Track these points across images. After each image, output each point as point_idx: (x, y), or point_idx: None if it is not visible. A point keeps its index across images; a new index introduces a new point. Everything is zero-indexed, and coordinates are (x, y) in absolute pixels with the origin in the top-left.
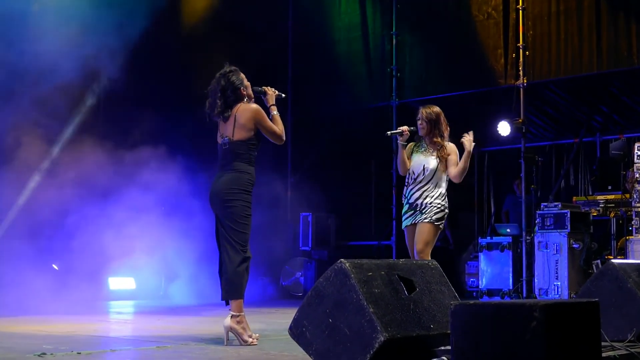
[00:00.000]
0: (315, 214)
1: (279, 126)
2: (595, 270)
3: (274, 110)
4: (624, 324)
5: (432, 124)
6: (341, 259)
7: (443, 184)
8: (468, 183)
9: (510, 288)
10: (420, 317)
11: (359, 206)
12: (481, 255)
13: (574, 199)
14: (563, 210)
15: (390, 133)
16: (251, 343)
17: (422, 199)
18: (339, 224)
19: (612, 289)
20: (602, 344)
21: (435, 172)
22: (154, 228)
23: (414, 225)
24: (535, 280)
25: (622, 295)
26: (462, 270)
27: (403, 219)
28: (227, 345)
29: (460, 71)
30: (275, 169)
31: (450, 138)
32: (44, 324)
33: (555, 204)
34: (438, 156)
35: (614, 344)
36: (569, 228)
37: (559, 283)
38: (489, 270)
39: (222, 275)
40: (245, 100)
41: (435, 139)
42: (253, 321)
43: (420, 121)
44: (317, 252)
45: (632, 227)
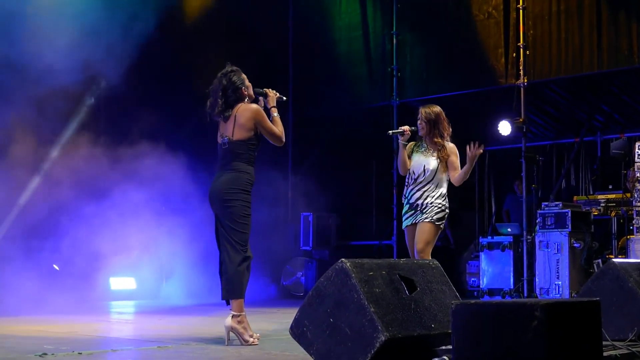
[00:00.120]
0: (316, 213)
1: (279, 128)
2: (596, 270)
3: (275, 112)
4: (625, 323)
5: (432, 124)
6: (342, 259)
7: (444, 184)
8: (469, 182)
9: (511, 287)
10: (421, 317)
11: (360, 206)
12: (482, 255)
13: (575, 198)
14: (564, 210)
15: (391, 132)
16: (252, 343)
17: (423, 199)
18: (340, 224)
19: (613, 288)
20: (603, 343)
21: (436, 173)
22: (155, 228)
23: (414, 225)
24: (536, 279)
25: (623, 294)
26: (463, 270)
27: (403, 218)
28: (228, 345)
29: (461, 71)
30: (276, 169)
31: (451, 138)
32: (45, 324)
33: (556, 203)
34: (438, 157)
35: (615, 343)
36: (569, 227)
37: (560, 282)
38: (490, 270)
39: (223, 275)
40: (246, 101)
41: (436, 139)
42: (254, 321)
43: (419, 121)
44: (318, 252)
45: (633, 227)
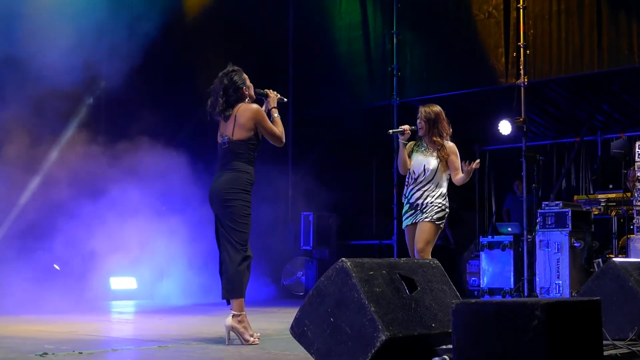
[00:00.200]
0: (316, 213)
1: (279, 128)
2: (596, 269)
3: (275, 113)
4: (625, 323)
5: (431, 123)
6: (342, 258)
7: (444, 183)
8: (469, 182)
9: (512, 287)
10: (421, 316)
11: (360, 205)
12: (482, 254)
13: (575, 197)
14: (564, 209)
15: (392, 132)
16: (252, 342)
17: (423, 199)
18: (340, 223)
19: (614, 288)
20: (604, 342)
21: (436, 172)
22: (155, 228)
23: (414, 224)
24: (537, 279)
25: (624, 293)
26: (463, 269)
27: (403, 218)
28: (229, 344)
29: (461, 70)
30: (277, 168)
31: (451, 138)
32: (46, 324)
33: (557, 202)
34: (438, 156)
35: (616, 342)
36: (570, 227)
37: (560, 282)
38: (490, 269)
39: (223, 274)
40: (247, 101)
41: (435, 138)
42: (254, 320)
43: (419, 120)
44: (319, 252)
45: (634, 226)
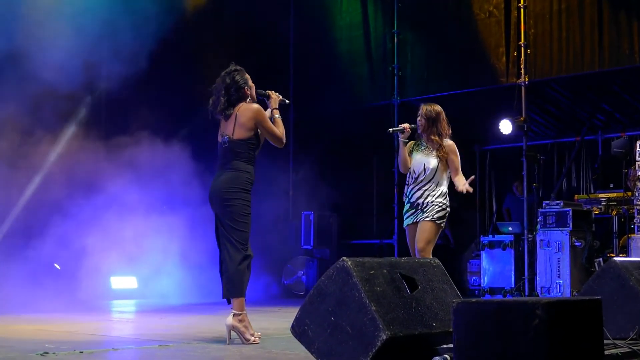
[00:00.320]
0: (317, 212)
1: (280, 129)
2: (597, 269)
3: (277, 114)
4: (626, 322)
5: (431, 121)
6: (343, 257)
7: (444, 182)
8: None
9: (512, 286)
10: (422, 316)
11: (361, 205)
12: (483, 254)
13: (576, 197)
14: (565, 209)
15: (391, 130)
16: (253, 342)
17: (424, 198)
18: (341, 223)
19: (614, 287)
20: (605, 341)
21: (436, 172)
22: (155, 227)
23: (415, 224)
24: (537, 278)
25: (624, 293)
26: (464, 269)
27: (404, 217)
28: (229, 344)
29: (462, 70)
30: (277, 168)
31: (450, 138)
32: (46, 323)
33: (557, 202)
34: (438, 155)
35: (616, 341)
36: (571, 226)
37: (561, 281)
38: (491, 269)
39: (223, 274)
40: (248, 101)
41: (433, 137)
42: (255, 320)
43: (419, 118)
44: (319, 251)
45: (634, 225)
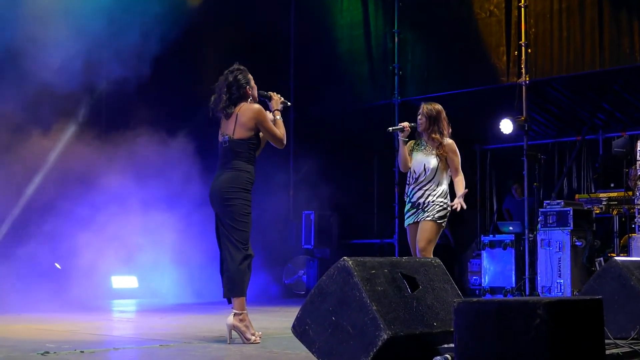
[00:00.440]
0: (317, 212)
1: (280, 130)
2: (598, 268)
3: (278, 115)
4: (627, 322)
5: (431, 120)
6: (344, 257)
7: (444, 181)
8: (470, 181)
9: (513, 286)
10: (423, 315)
11: (362, 204)
12: (484, 253)
13: (577, 196)
14: (566, 208)
15: (391, 129)
16: (254, 341)
17: (425, 198)
18: (342, 222)
19: (615, 287)
20: (606, 341)
21: (437, 171)
22: (156, 226)
23: (416, 223)
24: (538, 278)
25: (625, 292)
26: (465, 268)
27: (405, 217)
28: (230, 343)
29: (463, 69)
30: (278, 167)
31: (451, 137)
32: (47, 323)
33: (558, 201)
34: (437, 154)
35: (618, 341)
36: (571, 226)
37: (561, 281)
38: (492, 268)
39: (224, 273)
40: (250, 101)
41: (434, 135)
42: (256, 319)
43: (420, 116)
44: (320, 250)
45: (635, 225)
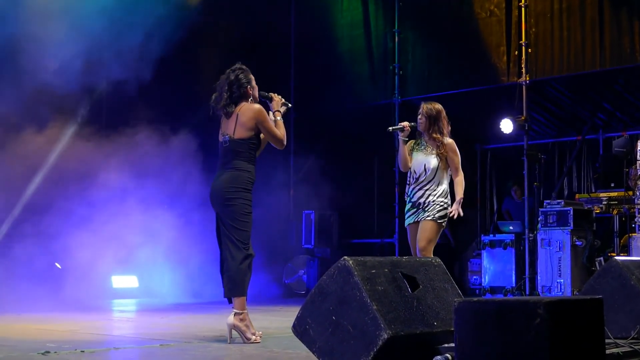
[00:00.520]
0: (318, 211)
1: (280, 131)
2: (598, 268)
3: (278, 116)
4: (627, 321)
5: (432, 120)
6: (344, 257)
7: (445, 181)
8: (470, 181)
9: (513, 285)
10: (423, 315)
11: (362, 204)
12: (484, 253)
13: (577, 196)
14: (566, 208)
15: (391, 129)
16: (254, 341)
17: (425, 198)
18: (342, 222)
19: (616, 286)
20: (606, 341)
21: (437, 171)
22: (157, 226)
23: (416, 223)
24: (538, 277)
25: (625, 292)
26: (465, 268)
27: (406, 216)
28: (230, 343)
29: (463, 69)
30: (278, 167)
31: (453, 137)
32: (48, 323)
33: (558, 201)
34: (438, 154)
35: (618, 341)
36: (571, 225)
37: (562, 280)
38: (492, 268)
39: (224, 273)
40: (250, 101)
41: (434, 135)
42: (256, 319)
43: (420, 116)
44: (320, 250)
45: (635, 224)
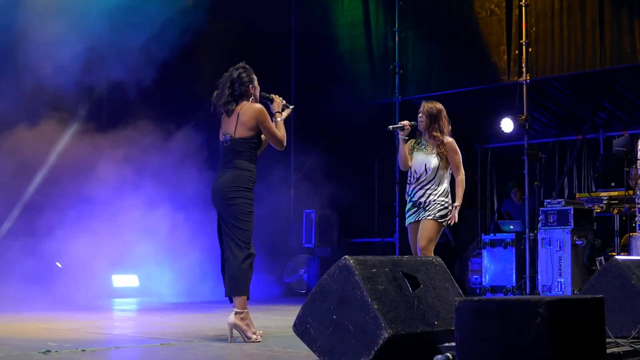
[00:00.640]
0: (318, 210)
1: (280, 131)
2: (598, 267)
3: (279, 117)
4: (627, 321)
5: (432, 118)
6: (345, 256)
7: (445, 180)
8: (471, 180)
9: (514, 285)
10: (424, 314)
11: (362, 203)
12: (484, 252)
13: (577, 195)
14: (566, 207)
15: (391, 128)
16: (255, 340)
17: (426, 197)
18: (342, 221)
19: (616, 286)
20: (606, 340)
21: (437, 171)
22: (157, 225)
23: (417, 222)
24: (539, 277)
25: (626, 291)
26: (465, 267)
27: (406, 216)
28: (231, 342)
29: (463, 68)
30: (279, 166)
31: (453, 136)
32: (48, 322)
33: (559, 200)
34: (438, 153)
35: (618, 340)
36: (572, 225)
37: (562, 280)
38: (492, 267)
39: (225, 272)
40: (251, 100)
41: (435, 133)
42: (257, 318)
43: (420, 114)
44: (320, 249)
45: (636, 224)
